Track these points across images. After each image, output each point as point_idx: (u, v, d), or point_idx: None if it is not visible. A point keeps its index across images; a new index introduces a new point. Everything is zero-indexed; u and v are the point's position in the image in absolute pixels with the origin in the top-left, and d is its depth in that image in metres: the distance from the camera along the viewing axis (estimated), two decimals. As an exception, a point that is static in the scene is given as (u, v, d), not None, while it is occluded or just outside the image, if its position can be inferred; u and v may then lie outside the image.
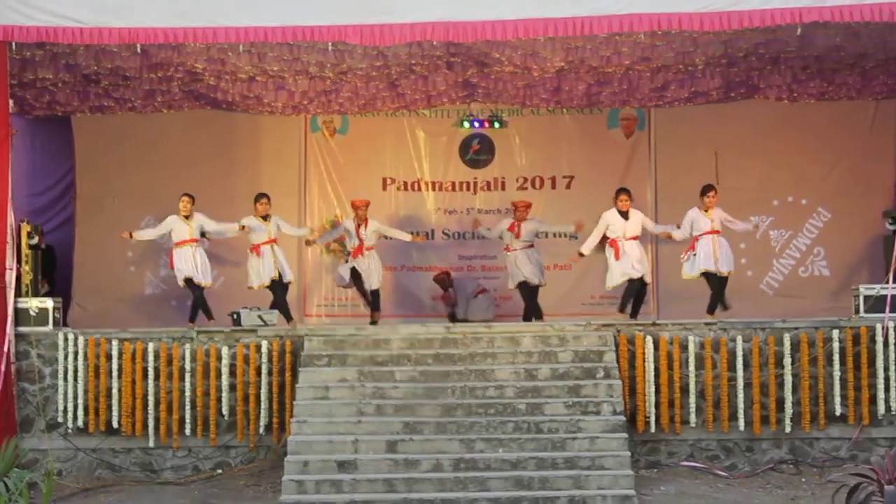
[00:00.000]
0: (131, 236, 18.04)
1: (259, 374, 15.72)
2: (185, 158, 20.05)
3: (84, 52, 16.98)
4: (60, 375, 15.77)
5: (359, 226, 18.63)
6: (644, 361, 15.48)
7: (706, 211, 17.24)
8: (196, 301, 17.64)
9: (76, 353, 15.79)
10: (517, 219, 18.78)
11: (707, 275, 17.19)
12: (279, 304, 17.75)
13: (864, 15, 14.63)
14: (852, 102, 19.46)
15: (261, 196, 18.07)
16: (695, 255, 17.23)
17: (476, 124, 20.83)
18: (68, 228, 20.39)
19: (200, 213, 17.78)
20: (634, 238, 17.52)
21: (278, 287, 17.85)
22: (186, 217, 17.66)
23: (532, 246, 18.77)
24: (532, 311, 18.49)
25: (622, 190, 17.75)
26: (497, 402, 14.74)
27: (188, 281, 17.57)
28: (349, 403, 14.80)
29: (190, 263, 17.56)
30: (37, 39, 15.48)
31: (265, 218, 17.98)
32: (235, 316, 16.98)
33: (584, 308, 19.40)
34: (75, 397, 15.74)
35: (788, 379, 15.34)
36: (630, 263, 17.35)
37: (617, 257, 17.39)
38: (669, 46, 17.23)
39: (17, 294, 16.04)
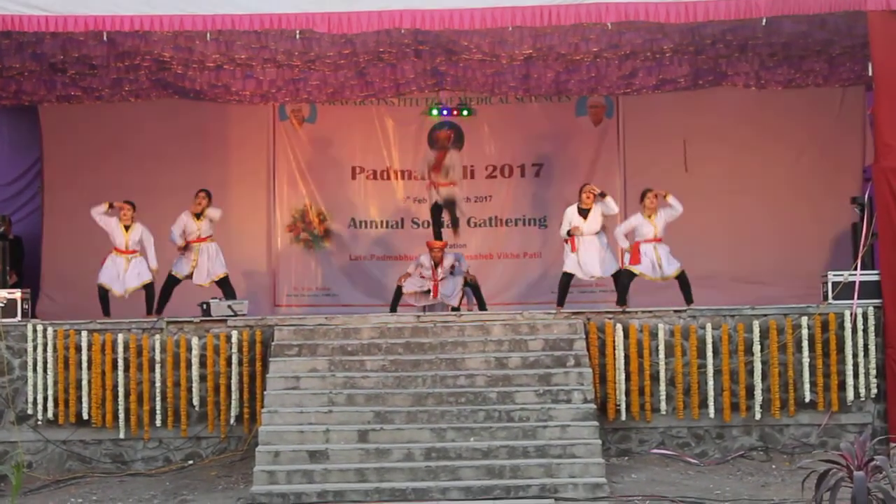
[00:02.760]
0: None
1: (229, 364, 15.68)
2: (153, 148, 20.01)
3: (51, 41, 16.89)
4: (30, 367, 15.70)
5: (436, 266, 18.40)
6: (614, 349, 15.50)
7: (649, 217, 17.10)
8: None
9: (45, 345, 15.71)
10: (434, 258, 18.47)
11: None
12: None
13: (823, 7, 14.83)
14: (820, 89, 19.53)
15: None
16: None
17: (445, 112, 20.83)
18: (36, 219, 20.31)
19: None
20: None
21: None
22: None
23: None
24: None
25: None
26: (468, 390, 14.75)
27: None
28: (320, 393, 14.78)
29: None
30: (2, 28, 15.36)
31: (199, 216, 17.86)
32: (205, 306, 16.92)
33: (554, 297, 19.38)
34: (45, 389, 15.67)
35: (758, 366, 15.41)
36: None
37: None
38: (637, 34, 17.28)
39: (-15, 285, 16.00)
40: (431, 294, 18.24)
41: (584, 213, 17.20)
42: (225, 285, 17.72)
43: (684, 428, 15.58)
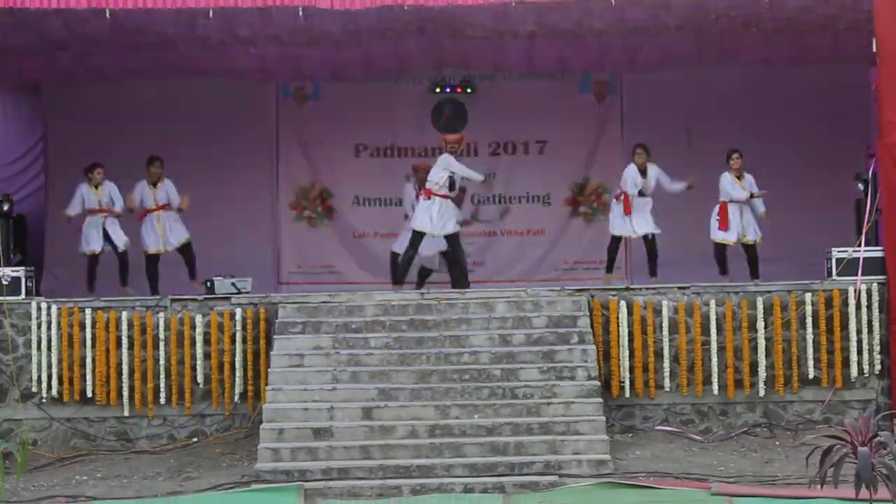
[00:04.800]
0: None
1: (233, 341, 15.69)
2: (156, 126, 19.94)
3: (53, 19, 16.84)
4: (34, 345, 15.71)
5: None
6: (618, 326, 15.51)
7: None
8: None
9: (49, 323, 15.72)
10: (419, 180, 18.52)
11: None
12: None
13: None
14: (824, 65, 19.46)
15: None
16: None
17: (448, 90, 20.80)
18: (40, 197, 20.30)
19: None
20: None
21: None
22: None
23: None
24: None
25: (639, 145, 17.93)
26: (472, 367, 14.76)
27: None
28: (324, 371, 14.79)
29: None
30: (4, 5, 15.36)
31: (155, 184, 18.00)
32: (209, 283, 16.95)
33: (557, 273, 19.40)
34: (49, 367, 15.68)
35: (762, 342, 15.41)
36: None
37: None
38: (641, 10, 17.20)
39: (-11, 263, 16.01)
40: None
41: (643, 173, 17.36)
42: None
43: (688, 405, 15.59)
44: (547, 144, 20.70)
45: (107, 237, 17.65)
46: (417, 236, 17.59)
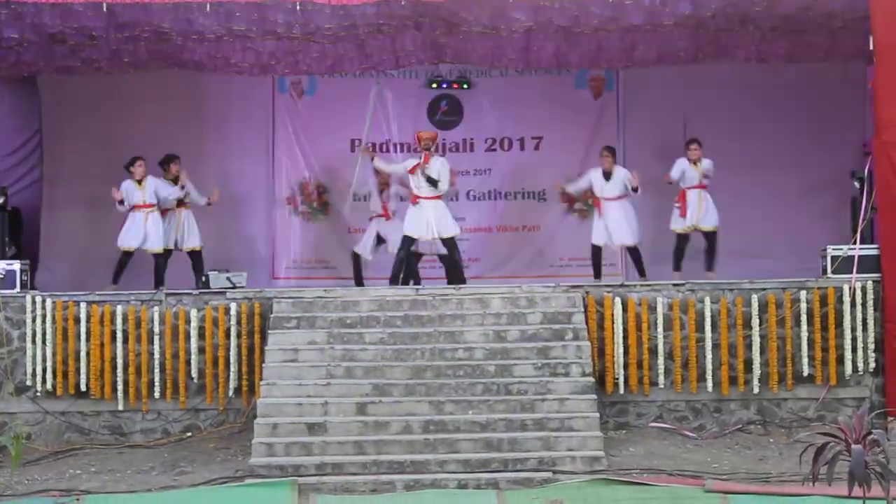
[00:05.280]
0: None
1: (228, 336, 15.70)
2: (152, 120, 19.93)
3: (50, 12, 16.81)
4: (28, 338, 15.71)
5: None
6: (613, 323, 15.52)
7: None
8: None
9: (44, 316, 15.72)
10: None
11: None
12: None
13: None
14: (820, 63, 19.43)
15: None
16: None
17: (444, 85, 20.79)
18: (35, 190, 20.27)
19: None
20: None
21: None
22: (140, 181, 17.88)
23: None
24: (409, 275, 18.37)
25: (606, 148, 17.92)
26: (466, 363, 14.76)
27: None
28: (318, 366, 14.80)
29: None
30: (1, -2, 15.38)
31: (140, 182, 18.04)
32: (204, 278, 16.94)
33: (553, 270, 19.38)
34: (44, 360, 15.68)
35: (756, 340, 15.42)
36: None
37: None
38: (637, 6, 17.18)
39: (-16, 256, 16.02)
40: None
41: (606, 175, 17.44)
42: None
43: (682, 401, 15.61)
44: (543, 140, 20.67)
45: (146, 235, 17.74)
46: (409, 241, 17.63)
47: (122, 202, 17.81)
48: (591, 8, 17.09)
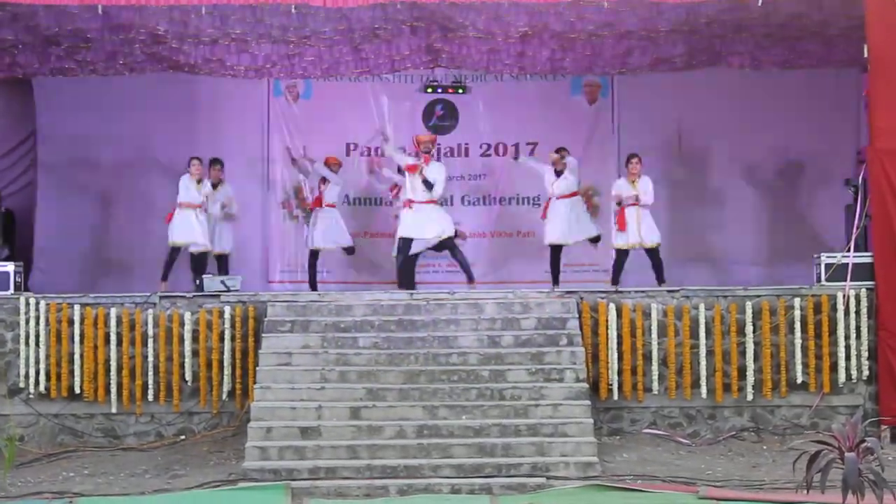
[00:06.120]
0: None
1: (222, 339, 15.68)
2: (147, 122, 19.92)
3: (45, 14, 16.82)
4: (22, 340, 15.69)
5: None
6: (607, 329, 15.52)
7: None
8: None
9: (38, 318, 15.70)
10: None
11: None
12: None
13: None
14: (815, 71, 19.45)
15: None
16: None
17: (440, 90, 20.79)
18: (29, 193, 20.25)
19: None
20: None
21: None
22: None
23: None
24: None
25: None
26: (460, 368, 14.77)
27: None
28: (312, 370, 14.79)
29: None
30: (-4, 0, 15.38)
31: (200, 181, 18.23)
32: (198, 281, 16.94)
33: (547, 276, 19.37)
34: (37, 362, 15.66)
35: (750, 347, 15.43)
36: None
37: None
38: (633, 13, 17.22)
39: (-23, 258, 16.00)
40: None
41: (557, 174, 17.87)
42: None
43: (676, 408, 15.61)
44: (538, 146, 20.66)
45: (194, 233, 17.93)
46: (406, 243, 17.67)
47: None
48: (585, 14, 17.13)
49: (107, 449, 15.47)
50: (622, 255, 17.80)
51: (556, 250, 18.39)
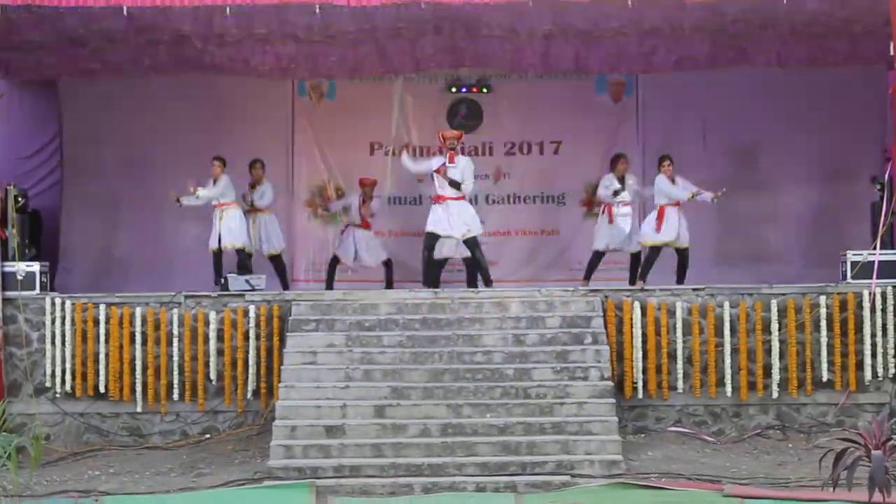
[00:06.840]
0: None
1: (247, 338, 15.73)
2: (172, 123, 19.96)
3: (70, 15, 16.87)
4: (48, 340, 15.78)
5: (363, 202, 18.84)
6: (632, 327, 15.53)
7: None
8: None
9: (63, 318, 15.78)
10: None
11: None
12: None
13: None
14: (841, 68, 19.36)
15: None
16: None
17: (464, 89, 20.77)
18: (55, 193, 20.30)
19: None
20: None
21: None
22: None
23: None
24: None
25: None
26: (485, 367, 14.77)
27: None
28: (337, 368, 14.82)
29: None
30: (23, 2, 15.40)
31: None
32: (223, 280, 16.97)
33: (572, 274, 19.34)
34: (63, 362, 15.74)
35: (775, 345, 15.40)
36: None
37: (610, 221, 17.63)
38: (657, 11, 17.18)
39: (4, 258, 16.06)
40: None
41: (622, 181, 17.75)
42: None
43: (701, 406, 15.60)
44: (562, 145, 20.63)
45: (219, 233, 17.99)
46: (431, 238, 17.64)
47: (178, 200, 17.97)
48: (610, 12, 17.09)
49: (132, 448, 15.54)
50: (654, 253, 17.70)
51: (599, 254, 18.31)
